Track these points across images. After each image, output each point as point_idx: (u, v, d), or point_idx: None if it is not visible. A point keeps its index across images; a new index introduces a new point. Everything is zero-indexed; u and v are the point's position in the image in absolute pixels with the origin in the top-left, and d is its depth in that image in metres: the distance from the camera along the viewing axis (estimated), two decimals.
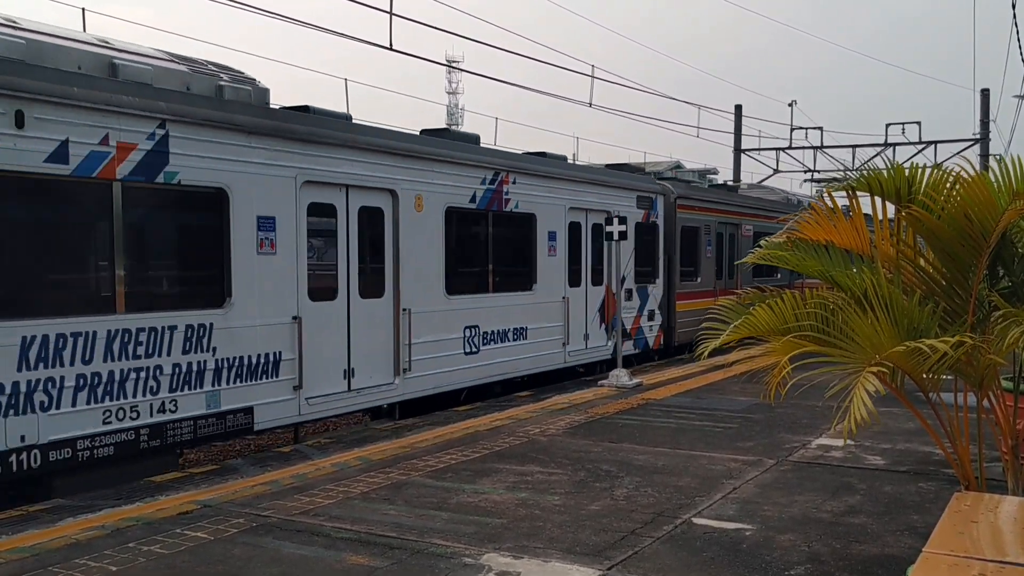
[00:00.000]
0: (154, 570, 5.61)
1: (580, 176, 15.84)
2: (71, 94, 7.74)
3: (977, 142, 30.34)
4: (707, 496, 7.35)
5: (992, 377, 5.59)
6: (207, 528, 6.46)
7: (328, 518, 6.70)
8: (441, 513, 6.83)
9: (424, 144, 11.88)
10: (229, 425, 9.08)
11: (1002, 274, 6.01)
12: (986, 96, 30.77)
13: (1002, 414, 5.82)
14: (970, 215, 5.37)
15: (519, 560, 5.77)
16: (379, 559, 5.78)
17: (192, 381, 8.69)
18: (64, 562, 5.72)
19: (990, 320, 5.52)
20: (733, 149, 32.89)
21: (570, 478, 7.96)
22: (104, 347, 7.95)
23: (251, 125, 9.29)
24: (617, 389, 13.39)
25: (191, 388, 8.68)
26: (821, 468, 8.39)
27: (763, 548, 6.03)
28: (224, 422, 9.02)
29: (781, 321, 5.40)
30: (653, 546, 6.07)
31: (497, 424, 10.60)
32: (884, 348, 4.90)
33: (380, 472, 8.17)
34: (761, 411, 11.24)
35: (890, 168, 5.66)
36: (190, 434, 8.70)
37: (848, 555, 5.92)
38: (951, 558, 3.61)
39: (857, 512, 6.91)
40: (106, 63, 8.64)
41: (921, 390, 5.60)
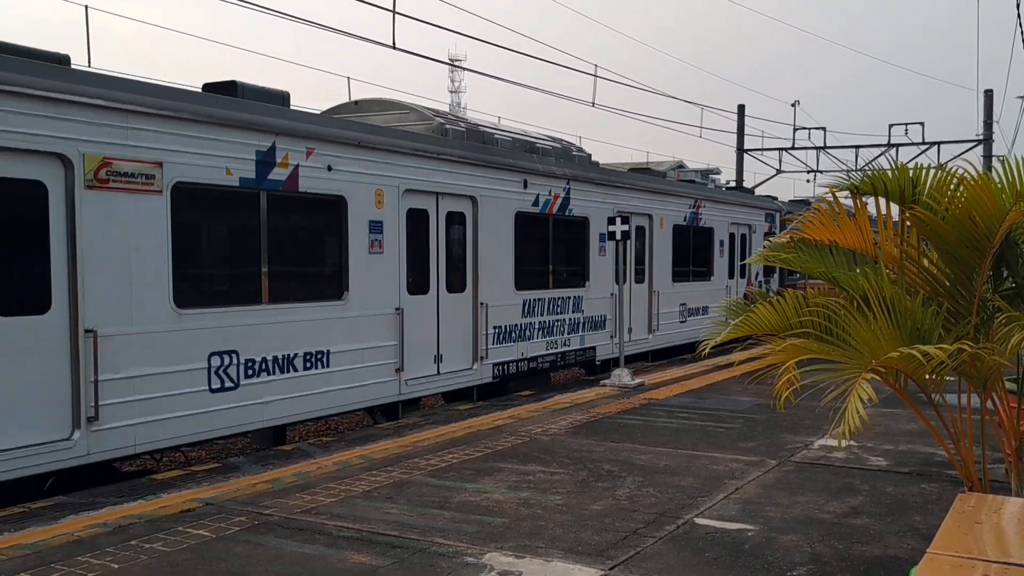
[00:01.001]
0: (156, 568, 5.61)
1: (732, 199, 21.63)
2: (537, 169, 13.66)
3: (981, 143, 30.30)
4: (709, 496, 7.34)
5: (996, 379, 5.58)
6: (209, 526, 6.46)
7: (330, 516, 6.70)
8: (443, 512, 6.83)
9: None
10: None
11: (1006, 275, 6.00)
12: (990, 97, 30.72)
13: (1006, 415, 5.81)
14: (974, 216, 5.36)
15: (521, 559, 5.77)
16: (381, 558, 5.78)
17: None
18: (66, 559, 5.73)
19: (994, 322, 5.51)
20: (736, 149, 32.86)
21: (572, 478, 7.96)
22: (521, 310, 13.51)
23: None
24: (619, 389, 13.38)
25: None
26: (823, 469, 8.38)
27: (765, 548, 6.03)
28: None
29: (783, 321, 5.39)
30: (655, 546, 6.07)
31: (499, 423, 10.59)
32: (882, 352, 4.89)
33: (382, 471, 8.17)
34: (763, 411, 11.23)
35: (894, 169, 5.65)
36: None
37: (850, 556, 5.91)
38: (955, 559, 3.61)
39: (859, 513, 6.90)
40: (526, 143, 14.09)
41: (923, 392, 5.59)
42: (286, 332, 9.54)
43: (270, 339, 9.35)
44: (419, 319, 11.40)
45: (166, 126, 8.30)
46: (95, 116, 7.72)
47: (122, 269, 7.97)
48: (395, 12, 13.57)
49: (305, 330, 9.77)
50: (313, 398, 9.91)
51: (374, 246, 10.63)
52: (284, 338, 9.52)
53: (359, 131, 10.58)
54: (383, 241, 10.74)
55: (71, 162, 7.55)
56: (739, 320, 5.59)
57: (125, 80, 8.59)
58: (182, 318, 8.49)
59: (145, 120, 8.13)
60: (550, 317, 14.36)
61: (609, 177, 15.99)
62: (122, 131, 7.96)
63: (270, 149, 9.31)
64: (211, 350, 8.79)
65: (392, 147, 10.88)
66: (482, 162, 12.56)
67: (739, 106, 33.12)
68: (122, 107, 7.93)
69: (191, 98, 8.78)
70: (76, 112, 7.56)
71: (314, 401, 9.93)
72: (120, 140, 7.94)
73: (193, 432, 8.66)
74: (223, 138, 8.84)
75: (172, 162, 8.37)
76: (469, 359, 12.48)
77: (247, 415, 9.16)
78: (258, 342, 9.22)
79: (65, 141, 7.50)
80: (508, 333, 13.31)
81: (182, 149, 8.45)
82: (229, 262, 9.22)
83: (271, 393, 9.40)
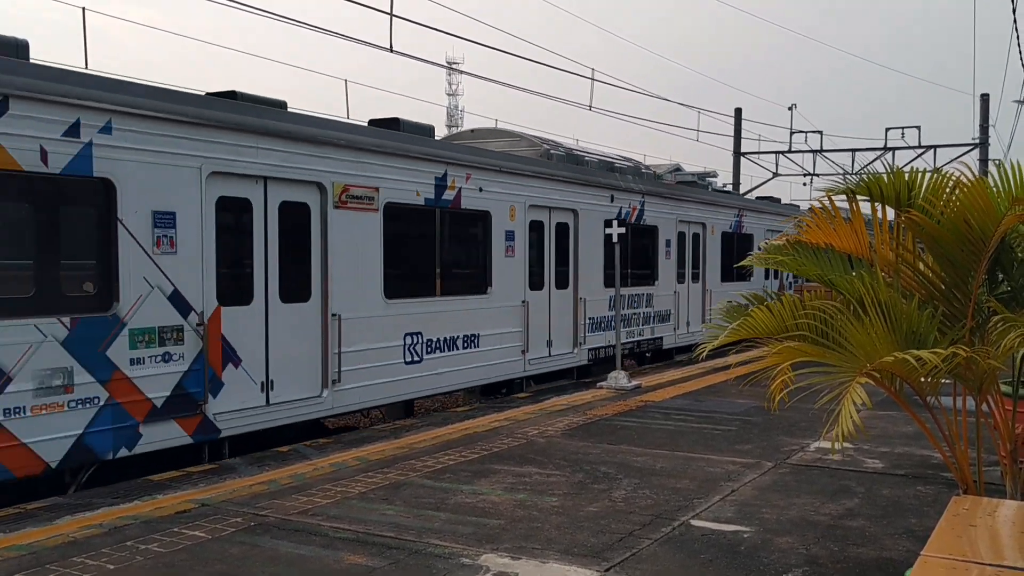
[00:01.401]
0: (151, 569, 5.60)
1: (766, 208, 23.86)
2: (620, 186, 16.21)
3: (977, 147, 30.35)
4: (705, 498, 7.35)
5: (991, 381, 5.59)
6: (205, 527, 6.46)
7: (326, 518, 6.70)
8: (439, 513, 6.83)
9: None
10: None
11: (1001, 279, 6.02)
12: (986, 101, 30.79)
13: (1001, 418, 5.83)
14: (969, 220, 5.37)
15: (517, 561, 5.77)
16: (377, 559, 5.78)
17: None
18: (61, 560, 5.72)
19: (989, 325, 5.52)
20: (733, 152, 32.90)
21: (568, 479, 7.97)
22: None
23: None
24: (616, 391, 13.39)
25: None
26: (819, 471, 8.40)
27: (761, 550, 6.03)
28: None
29: (779, 324, 5.40)
30: (651, 548, 6.07)
31: (495, 425, 10.60)
32: (877, 356, 4.91)
33: (378, 472, 8.17)
34: (760, 414, 11.24)
35: (890, 172, 5.67)
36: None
37: (846, 558, 5.92)
38: (949, 561, 3.62)
39: (855, 515, 6.91)
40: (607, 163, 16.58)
41: (918, 395, 5.61)
42: (452, 319, 12.14)
43: (442, 324, 11.94)
44: (537, 310, 14.08)
45: (382, 160, 10.88)
46: (340, 154, 10.27)
47: (354, 268, 10.44)
48: (392, 15, 13.59)
49: (464, 317, 12.39)
50: (469, 371, 12.56)
51: (508, 251, 13.30)
52: (451, 323, 12.12)
53: (500, 159, 13.32)
54: (515, 247, 13.41)
55: (326, 188, 10.08)
56: (736, 324, 5.60)
57: (356, 125, 11.45)
58: (388, 306, 11.03)
59: (369, 156, 10.68)
60: (629, 311, 16.83)
61: (673, 191, 18.65)
62: (356, 164, 10.49)
63: (443, 176, 11.92)
64: (405, 331, 11.35)
65: (521, 171, 13.64)
66: (581, 181, 15.13)
67: (736, 109, 33.19)
68: (356, 146, 10.50)
69: (395, 137, 11.31)
70: (330, 152, 10.13)
71: (470, 374, 12.61)
72: (354, 171, 10.48)
73: (393, 395, 11.20)
74: (415, 168, 11.44)
75: (384, 187, 10.92)
76: (571, 344, 15.08)
77: (427, 383, 11.79)
78: (434, 326, 11.81)
79: (322, 173, 10.04)
80: (599, 323, 15.80)
81: (390, 177, 11.04)
82: (417, 263, 11.87)
83: (443, 366, 12.00)
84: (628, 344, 16.70)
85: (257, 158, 9.25)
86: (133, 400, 8.13)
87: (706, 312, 20.08)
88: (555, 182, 14.40)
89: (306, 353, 9.89)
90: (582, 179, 15.15)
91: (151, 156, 8.26)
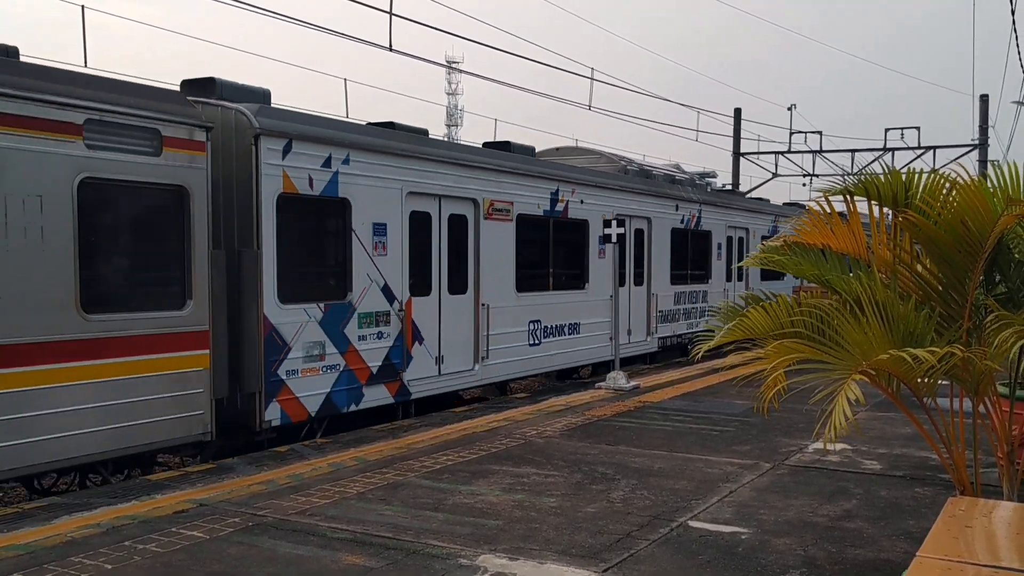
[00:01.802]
0: (149, 568, 5.61)
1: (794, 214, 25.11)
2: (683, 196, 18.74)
3: (976, 147, 30.35)
4: (703, 499, 7.35)
5: (988, 383, 5.60)
6: (203, 527, 6.46)
7: (324, 518, 6.70)
8: (437, 514, 6.84)
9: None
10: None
11: (998, 280, 6.02)
12: (985, 101, 30.79)
13: (998, 419, 5.83)
14: (966, 221, 5.38)
15: (515, 561, 5.78)
16: (375, 559, 5.79)
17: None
18: (59, 560, 5.73)
19: (986, 326, 5.53)
20: (732, 153, 32.90)
21: (566, 480, 7.97)
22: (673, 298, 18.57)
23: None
24: (614, 391, 13.40)
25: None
26: (817, 472, 8.40)
27: (759, 552, 6.04)
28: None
29: (775, 324, 5.41)
30: (649, 548, 6.08)
31: (494, 425, 10.60)
32: (873, 354, 4.91)
33: (376, 472, 8.17)
34: (758, 415, 11.24)
35: (887, 173, 5.67)
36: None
37: (843, 559, 5.92)
38: (944, 562, 3.62)
39: (853, 516, 6.91)
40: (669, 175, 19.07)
41: (915, 395, 5.61)
42: (560, 310, 14.64)
43: (553, 314, 14.45)
44: (621, 304, 16.00)
45: (515, 179, 13.42)
46: (488, 176, 12.82)
47: (496, 267, 13.00)
48: (392, 14, 13.59)
49: (568, 309, 14.86)
50: (571, 354, 15.02)
51: (600, 253, 15.68)
52: (559, 313, 14.63)
53: (596, 176, 15.88)
54: (605, 250, 15.61)
55: (479, 203, 12.62)
56: (732, 324, 5.60)
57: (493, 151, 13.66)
58: (518, 298, 13.53)
59: (507, 176, 13.24)
60: (688, 305, 19.24)
61: (723, 200, 21.22)
62: (498, 184, 12.99)
63: (556, 191, 14.44)
64: (529, 319, 13.79)
65: (610, 185, 16.19)
66: (653, 193, 17.66)
67: (735, 109, 33.18)
68: (498, 169, 13.03)
69: (519, 160, 13.91)
70: (481, 174, 12.66)
71: (572, 356, 15.11)
72: (497, 189, 12.98)
73: (518, 372, 13.77)
74: (537, 185, 13.99)
75: (517, 201, 13.41)
76: (645, 333, 17.64)
77: (544, 363, 14.40)
78: (548, 315, 14.32)
79: (476, 191, 12.57)
80: (666, 316, 18.34)
81: (521, 193, 13.53)
82: (537, 263, 14.22)
83: (555, 349, 14.54)
84: (688, 335, 19.12)
85: (435, 180, 11.78)
86: (359, 368, 10.64)
87: None
88: (634, 194, 16.97)
89: (464, 334, 12.47)
90: (654, 191, 17.76)
91: (372, 180, 10.71)
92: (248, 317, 9.29)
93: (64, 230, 7.53)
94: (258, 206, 9.27)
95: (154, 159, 8.23)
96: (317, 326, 9.95)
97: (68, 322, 7.56)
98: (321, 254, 10.57)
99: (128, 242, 8.44)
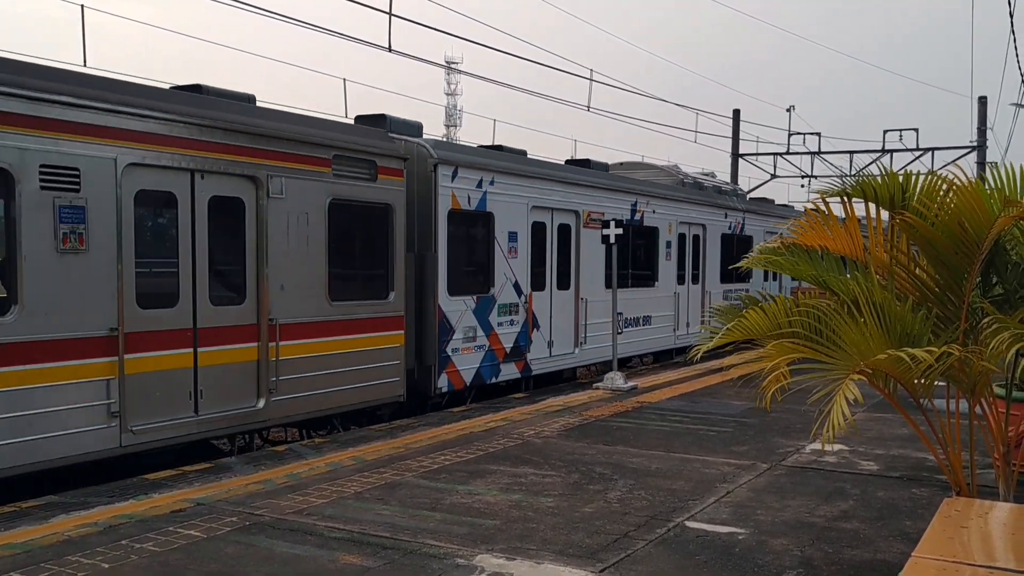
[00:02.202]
0: (146, 568, 5.61)
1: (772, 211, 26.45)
2: (729, 205, 21.18)
3: (974, 149, 30.39)
4: (700, 500, 7.36)
5: (984, 384, 5.61)
6: (200, 526, 6.46)
7: (321, 517, 6.70)
8: (434, 514, 6.84)
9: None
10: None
11: (995, 281, 6.03)
12: (984, 103, 30.81)
13: (994, 420, 5.84)
14: (963, 222, 5.39)
15: (512, 561, 5.78)
16: (372, 559, 5.79)
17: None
18: (56, 559, 5.73)
19: (982, 326, 5.54)
20: (731, 154, 32.93)
21: (564, 480, 7.98)
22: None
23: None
24: (612, 392, 13.41)
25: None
26: (815, 473, 8.41)
27: (756, 552, 6.05)
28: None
29: (773, 324, 5.41)
30: (646, 549, 6.08)
31: (492, 425, 10.61)
32: (870, 354, 4.92)
33: (374, 472, 8.18)
34: (755, 415, 11.26)
35: (884, 175, 5.68)
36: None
37: (840, 560, 5.93)
38: (940, 563, 3.63)
39: (850, 517, 6.92)
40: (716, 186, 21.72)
41: (912, 396, 5.62)
42: (636, 304, 17.12)
43: (631, 307, 16.91)
44: (682, 300, 19.05)
45: (607, 194, 16.06)
46: (586, 191, 15.36)
47: (591, 267, 15.40)
48: (391, 14, 13.60)
49: (642, 303, 17.39)
50: (643, 343, 17.64)
51: (667, 256, 18.25)
52: (636, 307, 17.13)
53: (664, 190, 18.54)
54: (671, 253, 18.40)
55: (579, 214, 15.14)
56: (730, 325, 5.61)
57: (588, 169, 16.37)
58: (606, 292, 15.19)
59: (601, 191, 15.85)
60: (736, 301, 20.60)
61: (761, 208, 23.83)
62: (593, 198, 15.54)
63: (635, 203, 17.10)
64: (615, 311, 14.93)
65: (675, 197, 18.88)
66: (708, 203, 20.22)
67: (734, 111, 33.20)
68: (594, 185, 15.66)
69: (612, 178, 16.97)
70: (580, 190, 15.19)
71: (644, 344, 17.70)
72: (593, 202, 15.51)
73: (603, 356, 15.41)
74: (622, 198, 16.62)
75: (607, 212, 15.70)
76: (699, 326, 19.55)
77: (624, 348, 16.42)
78: (628, 308, 16.65)
79: (578, 204, 15.09)
80: None
81: (610, 205, 16.03)
82: (622, 264, 15.69)
83: (632, 338, 17.05)
84: None
85: (550, 196, 14.41)
86: (498, 348, 13.26)
87: None
88: (693, 204, 19.52)
89: (568, 323, 15.01)
90: (708, 201, 20.34)
91: (508, 197, 13.32)
92: (428, 306, 11.94)
93: (320, 240, 10.08)
94: (436, 219, 11.92)
95: (372, 183, 10.86)
96: (471, 314, 12.61)
97: (322, 307, 10.15)
98: (473, 256, 13.09)
99: (355, 247, 11.00)
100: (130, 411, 8.16)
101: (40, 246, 7.46)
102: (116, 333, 8.03)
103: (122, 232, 8.07)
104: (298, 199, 9.79)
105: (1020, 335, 4.95)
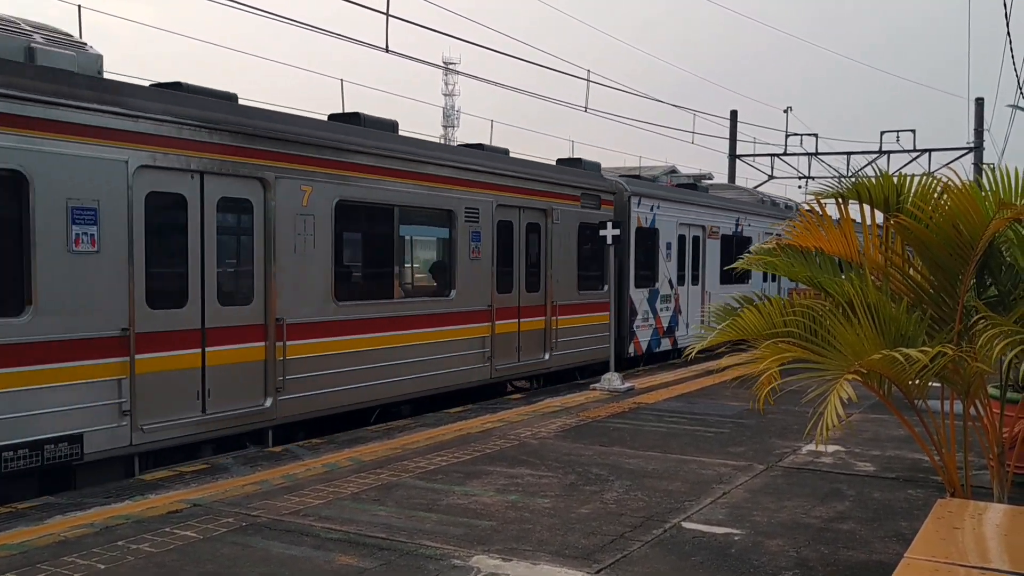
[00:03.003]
0: (142, 568, 5.61)
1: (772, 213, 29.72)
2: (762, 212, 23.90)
3: (971, 151, 30.46)
4: (697, 501, 7.37)
5: (979, 385, 5.62)
6: (196, 527, 6.47)
7: (317, 518, 6.71)
8: (431, 515, 6.85)
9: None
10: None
11: (989, 283, 6.05)
12: (981, 105, 30.90)
13: (989, 422, 5.86)
14: (958, 224, 5.41)
15: (508, 562, 5.79)
16: (368, 560, 5.79)
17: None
18: (52, 559, 5.73)
19: (976, 327, 5.56)
20: (728, 155, 32.97)
21: (560, 481, 7.98)
22: None
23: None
24: (609, 393, 13.41)
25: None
26: (811, 474, 8.42)
27: (752, 553, 6.06)
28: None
29: (768, 324, 5.43)
30: (642, 550, 6.09)
31: (488, 426, 10.61)
32: (865, 355, 4.93)
33: (371, 473, 8.18)
34: (752, 416, 11.27)
35: (878, 176, 5.70)
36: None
37: (836, 561, 5.94)
38: (933, 564, 3.64)
39: (846, 518, 6.93)
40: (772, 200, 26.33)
41: (906, 397, 5.64)
42: (692, 303, 19.93)
43: (687, 306, 19.53)
44: (715, 296, 21.19)
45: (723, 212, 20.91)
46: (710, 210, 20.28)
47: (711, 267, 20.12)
48: (389, 15, 13.61)
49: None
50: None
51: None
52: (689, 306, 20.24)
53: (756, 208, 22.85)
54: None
55: (705, 227, 19.68)
56: (725, 324, 5.63)
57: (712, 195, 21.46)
58: (722, 287, 19.81)
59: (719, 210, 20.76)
60: None
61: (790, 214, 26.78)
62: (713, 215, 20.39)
63: (738, 219, 21.59)
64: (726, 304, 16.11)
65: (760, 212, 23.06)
66: (781, 217, 21.35)
67: (732, 112, 33.27)
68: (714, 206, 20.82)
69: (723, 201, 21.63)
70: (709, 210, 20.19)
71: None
72: (713, 219, 20.35)
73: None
74: (731, 215, 21.08)
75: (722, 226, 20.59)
76: None
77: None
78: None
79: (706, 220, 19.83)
80: None
81: (724, 221, 20.86)
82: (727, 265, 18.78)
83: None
84: None
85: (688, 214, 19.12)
86: (659, 327, 18.12)
87: None
88: (771, 218, 22.97)
89: (696, 311, 19.33)
90: (780, 216, 22.69)
91: (667, 217, 18.01)
92: (624, 295, 16.75)
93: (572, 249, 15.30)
94: (629, 235, 16.65)
95: (596, 211, 15.81)
96: (646, 301, 17.45)
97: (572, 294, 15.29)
98: (646, 260, 17.57)
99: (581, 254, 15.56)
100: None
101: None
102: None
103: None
104: (563, 224, 14.93)
105: (1014, 336, 4.97)
